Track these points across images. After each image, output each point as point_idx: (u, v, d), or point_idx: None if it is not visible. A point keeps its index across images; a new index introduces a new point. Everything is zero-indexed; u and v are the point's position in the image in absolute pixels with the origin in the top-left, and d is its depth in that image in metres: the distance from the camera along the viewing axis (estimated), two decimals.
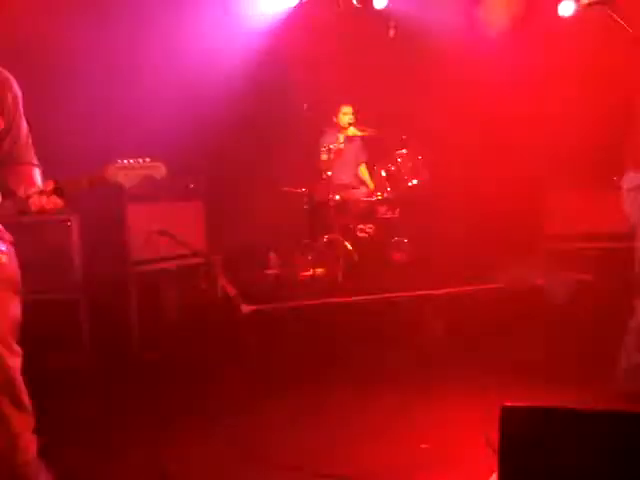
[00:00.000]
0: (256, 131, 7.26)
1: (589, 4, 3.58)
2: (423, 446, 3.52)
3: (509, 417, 1.72)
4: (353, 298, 5.98)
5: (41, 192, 2.73)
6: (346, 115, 7.45)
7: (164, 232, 5.39)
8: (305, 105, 7.03)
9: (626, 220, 4.28)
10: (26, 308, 2.87)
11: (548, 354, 5.11)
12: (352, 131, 7.43)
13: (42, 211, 2.76)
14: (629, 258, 4.32)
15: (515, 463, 1.74)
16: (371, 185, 7.56)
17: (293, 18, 7.34)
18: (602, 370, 4.31)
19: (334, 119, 7.49)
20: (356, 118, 7.45)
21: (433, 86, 7.49)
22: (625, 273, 4.38)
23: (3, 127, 2.87)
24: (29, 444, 2.79)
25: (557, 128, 6.91)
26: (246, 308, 5.57)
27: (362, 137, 7.68)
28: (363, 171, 7.76)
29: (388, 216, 7.15)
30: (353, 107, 7.49)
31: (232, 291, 6.14)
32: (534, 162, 7.23)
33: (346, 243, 6.79)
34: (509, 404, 1.74)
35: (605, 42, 4.55)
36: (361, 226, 6.98)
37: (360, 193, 7.38)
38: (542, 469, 1.72)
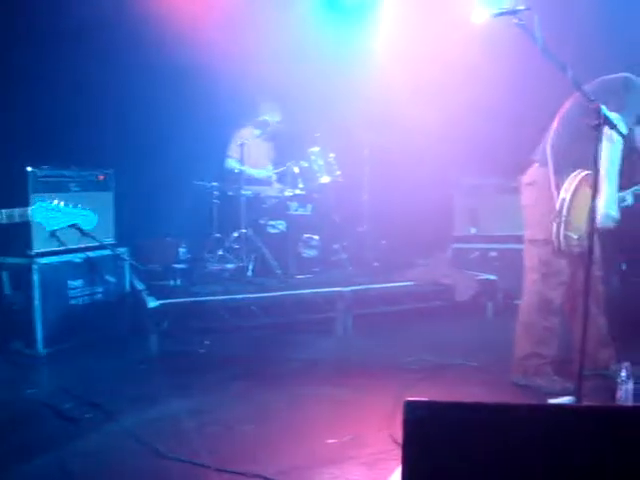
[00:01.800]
0: (170, 124, 7.16)
1: (498, 14, 3.68)
2: (330, 441, 3.55)
3: (411, 411, 1.76)
4: (263, 294, 5.98)
5: None
6: (268, 113, 7.44)
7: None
8: None
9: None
10: None
11: (453, 350, 5.26)
12: (269, 127, 7.45)
13: None
14: None
15: (418, 456, 1.79)
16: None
17: (215, 9, 7.22)
18: (504, 364, 4.52)
19: (254, 114, 7.48)
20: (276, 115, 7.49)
21: (348, 86, 7.55)
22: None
23: None
24: None
25: (465, 132, 7.08)
26: (153, 302, 5.49)
27: (277, 133, 7.70)
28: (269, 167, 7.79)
29: (299, 213, 7.17)
30: (276, 104, 7.50)
31: (140, 285, 6.06)
32: (444, 165, 7.40)
33: (257, 239, 6.79)
34: (411, 399, 1.78)
35: (514, 50, 4.69)
36: (272, 222, 6.98)
37: (272, 189, 7.39)
38: (444, 462, 1.78)
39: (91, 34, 6.42)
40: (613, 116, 3.37)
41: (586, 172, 4.22)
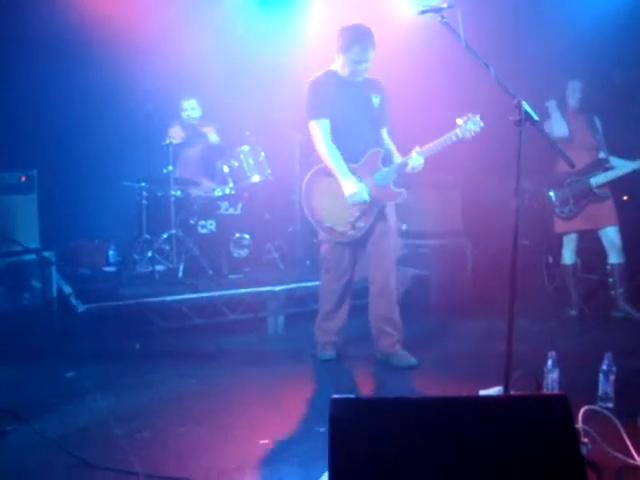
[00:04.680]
0: (97, 124, 7.02)
1: (422, 11, 3.72)
2: (263, 442, 3.52)
3: (337, 409, 1.76)
4: (194, 295, 5.91)
5: None
6: (187, 110, 7.36)
7: None
8: None
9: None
10: None
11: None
12: (197, 126, 7.37)
13: None
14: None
15: (344, 450, 1.78)
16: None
17: (138, 8, 7.10)
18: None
19: (181, 113, 7.40)
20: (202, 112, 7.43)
21: (277, 84, 7.53)
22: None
23: None
24: None
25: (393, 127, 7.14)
26: (82, 307, 5.36)
27: (208, 132, 7.62)
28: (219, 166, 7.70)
29: (230, 212, 7.11)
30: (198, 100, 7.42)
31: (68, 289, 5.90)
32: None
33: (187, 239, 6.71)
34: (337, 396, 1.78)
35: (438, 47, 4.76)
36: (202, 222, 6.90)
37: (201, 189, 7.29)
38: (369, 455, 1.78)
39: (11, 34, 6.27)
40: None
41: (318, 166, 4.90)
